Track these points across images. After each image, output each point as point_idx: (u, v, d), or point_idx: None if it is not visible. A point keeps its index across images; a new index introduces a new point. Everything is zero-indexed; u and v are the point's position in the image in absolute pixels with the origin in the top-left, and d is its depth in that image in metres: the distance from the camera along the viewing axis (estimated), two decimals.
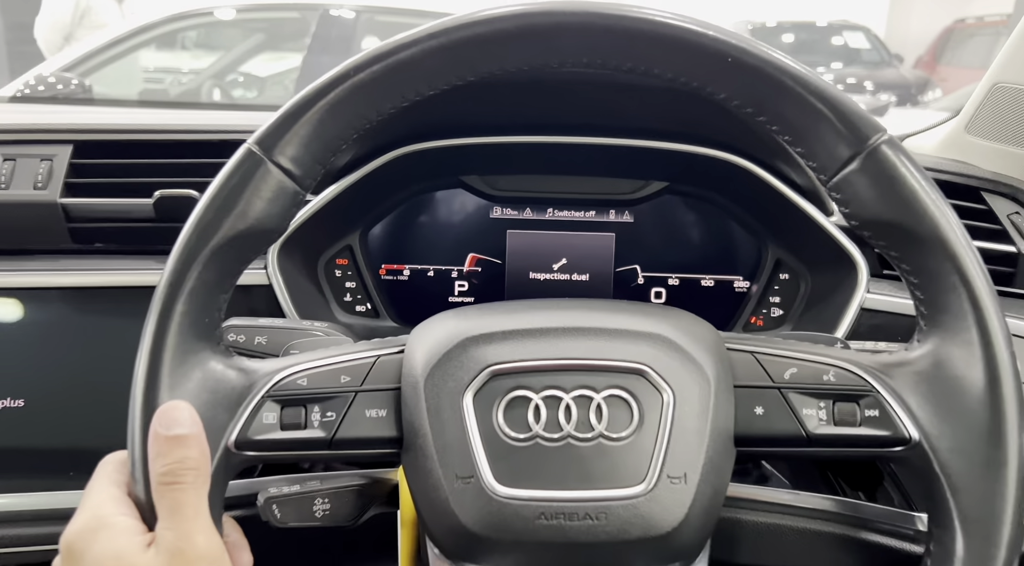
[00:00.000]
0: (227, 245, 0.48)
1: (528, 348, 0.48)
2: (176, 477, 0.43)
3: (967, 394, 0.46)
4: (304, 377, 0.50)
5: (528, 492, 0.46)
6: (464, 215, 0.82)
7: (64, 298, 0.69)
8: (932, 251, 0.47)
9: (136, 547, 0.42)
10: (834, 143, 0.47)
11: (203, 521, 0.43)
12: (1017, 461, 0.45)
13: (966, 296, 0.46)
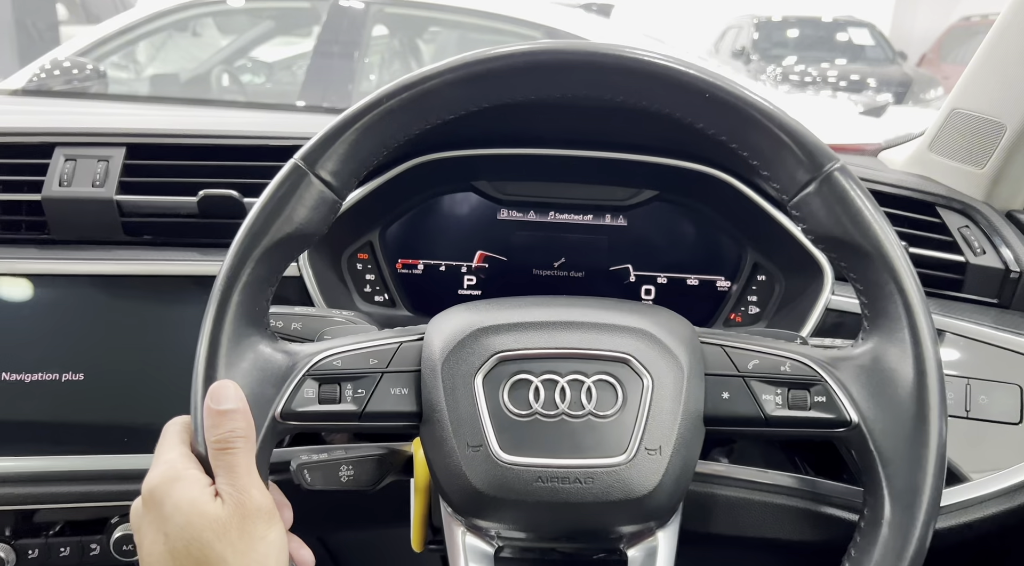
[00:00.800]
0: (275, 246, 0.57)
1: (530, 338, 0.57)
2: (228, 444, 0.52)
3: (899, 385, 0.55)
4: (339, 359, 0.58)
5: (528, 459, 0.55)
6: (474, 216, 0.91)
7: (117, 285, 0.77)
8: (874, 264, 0.55)
9: (207, 496, 0.50)
10: (794, 168, 0.56)
11: (255, 479, 0.52)
12: (937, 441, 0.54)
13: (901, 303, 0.55)
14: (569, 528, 0.57)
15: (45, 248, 0.78)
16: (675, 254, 0.90)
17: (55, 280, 0.76)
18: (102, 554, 0.75)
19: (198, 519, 0.49)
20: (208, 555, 0.48)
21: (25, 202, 0.77)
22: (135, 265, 0.77)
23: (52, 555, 0.74)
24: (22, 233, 0.78)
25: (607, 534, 0.58)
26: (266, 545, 0.50)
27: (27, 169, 0.78)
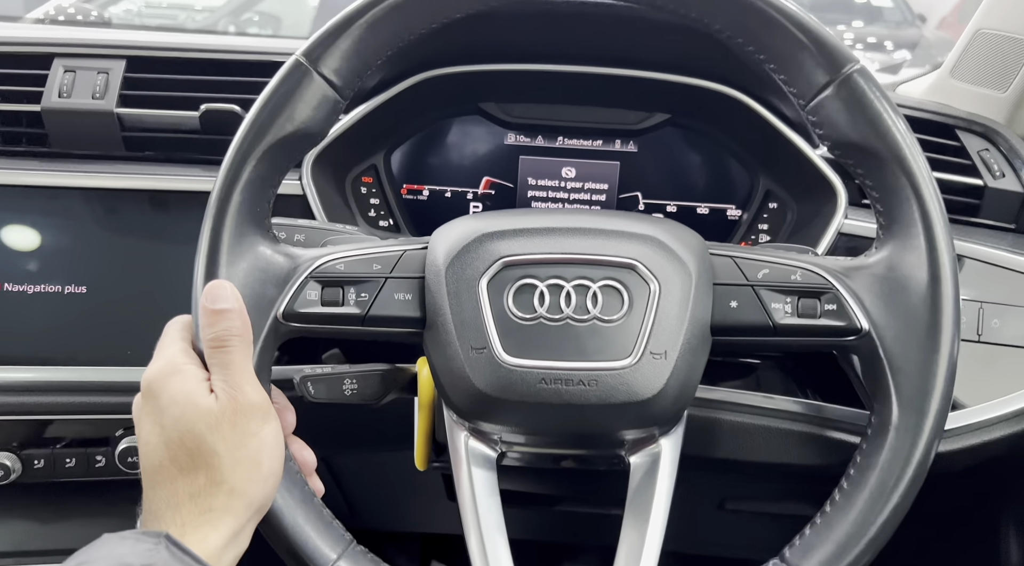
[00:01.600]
0: (277, 145, 0.55)
1: (536, 243, 0.56)
2: (223, 342, 0.52)
3: (912, 291, 0.54)
4: (342, 263, 0.58)
5: (532, 362, 0.54)
6: (480, 141, 0.89)
7: (118, 199, 0.76)
8: (891, 169, 0.54)
9: (203, 390, 0.50)
10: (812, 70, 0.54)
11: (249, 376, 0.52)
12: (949, 348, 0.53)
13: (917, 208, 0.53)
14: (572, 431, 0.57)
15: (46, 161, 0.77)
16: (685, 182, 0.89)
17: (56, 193, 0.75)
18: (108, 466, 0.75)
19: (192, 411, 0.49)
20: (200, 446, 0.48)
21: (25, 113, 0.76)
22: (137, 180, 0.77)
23: (58, 466, 0.74)
24: (23, 146, 0.77)
25: (609, 439, 0.58)
26: (258, 441, 0.50)
27: (26, 80, 0.77)
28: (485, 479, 0.58)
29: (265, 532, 0.54)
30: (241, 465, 0.49)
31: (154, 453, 0.49)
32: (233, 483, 0.49)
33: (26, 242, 0.74)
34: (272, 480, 0.52)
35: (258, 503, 0.51)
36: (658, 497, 0.57)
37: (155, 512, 0.48)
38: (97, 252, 0.75)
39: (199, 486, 0.48)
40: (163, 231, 0.76)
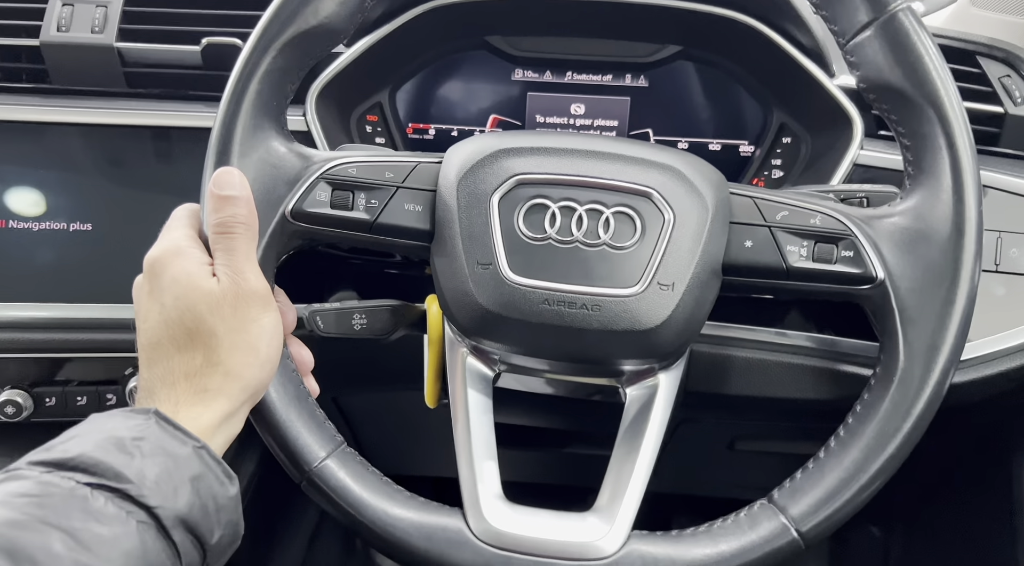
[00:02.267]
0: (300, 36, 0.54)
1: (552, 164, 0.55)
2: (228, 228, 0.51)
3: (934, 243, 0.52)
4: (354, 168, 0.57)
5: (536, 282, 0.53)
6: (487, 77, 0.87)
7: (121, 136, 0.75)
8: (926, 116, 0.52)
9: (205, 272, 0.50)
10: (856, 7, 0.52)
11: (252, 265, 0.52)
12: (965, 303, 0.52)
13: (949, 158, 0.52)
14: (570, 354, 0.56)
15: (49, 97, 0.75)
16: (697, 118, 0.87)
17: (60, 129, 0.74)
18: (118, 404, 0.75)
19: (193, 292, 0.49)
20: (200, 326, 0.48)
21: (24, 48, 0.75)
22: (139, 116, 0.75)
23: (69, 404, 0.74)
24: (24, 82, 0.76)
25: (607, 367, 0.58)
26: (258, 327, 0.50)
27: (23, 13, 0.75)
28: (480, 396, 0.58)
29: (257, 424, 0.54)
30: (238, 348, 0.49)
31: (152, 330, 0.49)
32: (229, 365, 0.48)
33: (30, 179, 0.73)
34: (268, 367, 0.51)
35: (253, 388, 0.50)
36: (650, 431, 0.56)
37: (149, 389, 0.49)
38: (102, 189, 0.74)
39: (196, 365, 0.48)
40: (167, 168, 0.75)
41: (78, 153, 0.74)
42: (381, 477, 0.54)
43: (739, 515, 0.54)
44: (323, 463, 0.53)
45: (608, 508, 0.54)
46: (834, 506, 0.52)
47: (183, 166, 0.76)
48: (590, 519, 0.54)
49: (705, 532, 0.53)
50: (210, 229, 0.52)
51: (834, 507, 0.52)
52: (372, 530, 0.52)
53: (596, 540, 0.52)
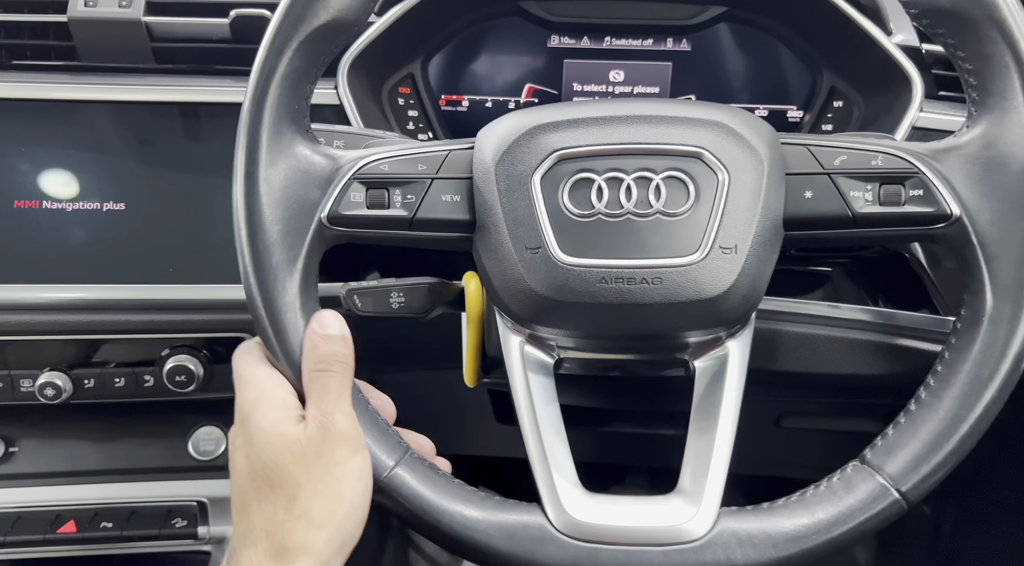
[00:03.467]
0: (313, 35, 0.52)
1: (592, 134, 0.52)
2: (327, 366, 0.49)
3: (1010, 170, 0.49)
4: (385, 163, 0.54)
5: (590, 260, 0.51)
6: (521, 45, 0.84)
7: (151, 112, 0.74)
8: (988, 34, 0.48)
9: (291, 418, 0.48)
10: None
11: (344, 404, 0.49)
12: None
13: (1018, 76, 0.48)
14: (634, 332, 0.53)
15: (78, 74, 0.74)
16: (742, 82, 0.83)
17: (90, 107, 0.72)
18: (156, 385, 0.75)
19: (277, 440, 0.47)
20: (282, 476, 0.46)
21: (52, 25, 0.73)
22: (168, 92, 0.74)
23: (107, 385, 0.74)
24: (52, 59, 0.75)
25: (673, 341, 0.55)
26: (343, 471, 0.47)
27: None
28: (543, 385, 0.56)
29: None
30: (321, 496, 0.46)
31: (239, 484, 0.48)
32: (312, 515, 0.46)
33: (62, 159, 0.72)
34: (355, 516, 0.48)
35: (340, 539, 0.47)
36: (726, 401, 0.54)
37: (234, 549, 0.47)
38: (133, 168, 0.73)
39: (277, 519, 0.46)
40: (197, 144, 0.74)
41: (109, 131, 0.73)
42: (452, 480, 0.53)
43: (831, 480, 0.51)
44: (393, 472, 0.51)
45: (692, 488, 0.51)
46: (935, 460, 0.49)
47: (214, 142, 0.74)
48: (675, 501, 0.51)
49: (798, 501, 0.51)
50: (308, 367, 0.49)
51: (935, 462, 0.49)
52: (452, 536, 0.50)
53: (685, 522, 0.50)
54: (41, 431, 0.83)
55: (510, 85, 0.85)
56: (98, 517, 0.78)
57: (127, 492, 0.82)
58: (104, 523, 0.78)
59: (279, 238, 0.52)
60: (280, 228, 0.52)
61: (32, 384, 0.72)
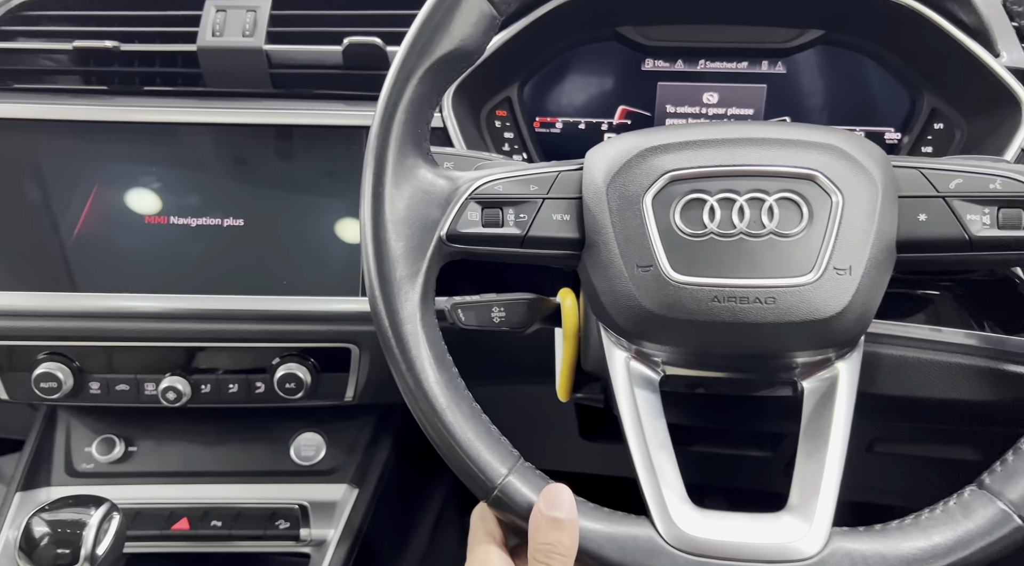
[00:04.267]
0: (437, 64, 0.55)
1: (704, 156, 0.53)
2: (547, 558, 0.50)
3: None
4: (500, 184, 0.57)
5: (702, 279, 0.52)
6: (615, 68, 0.86)
7: (268, 135, 0.78)
8: None
9: None
10: None
11: None
12: None
13: None
14: (744, 351, 0.54)
15: (202, 99, 0.79)
16: (838, 104, 0.83)
17: (213, 129, 0.78)
18: (267, 392, 0.79)
19: None
20: None
21: (181, 53, 0.79)
22: (285, 116, 0.78)
23: (222, 391, 0.78)
24: (179, 85, 0.80)
25: (781, 361, 0.55)
26: None
27: (181, 20, 0.79)
28: (649, 401, 0.57)
29: (437, 445, 0.54)
30: None
31: None
32: None
33: (188, 177, 0.77)
34: None
35: None
36: (837, 421, 0.54)
37: None
38: (251, 186, 0.77)
39: None
40: (310, 165, 0.78)
41: (229, 152, 0.78)
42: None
43: (948, 504, 0.51)
44: (506, 479, 0.52)
45: (803, 506, 0.52)
46: None
47: (325, 163, 0.78)
48: (786, 518, 0.52)
49: (913, 524, 0.50)
50: (531, 550, 0.51)
51: None
52: None
53: (796, 540, 0.50)
54: (157, 433, 0.88)
55: (603, 107, 0.87)
56: (208, 516, 0.82)
57: (233, 493, 0.86)
58: (214, 522, 0.82)
59: (402, 254, 0.55)
60: (404, 245, 0.55)
61: (155, 388, 0.77)
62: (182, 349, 0.77)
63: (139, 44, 0.79)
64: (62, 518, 0.61)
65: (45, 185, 0.76)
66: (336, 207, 0.77)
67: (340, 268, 0.76)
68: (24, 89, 0.81)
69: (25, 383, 0.76)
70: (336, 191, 0.78)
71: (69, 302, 0.74)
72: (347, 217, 0.77)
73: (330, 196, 0.77)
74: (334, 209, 0.77)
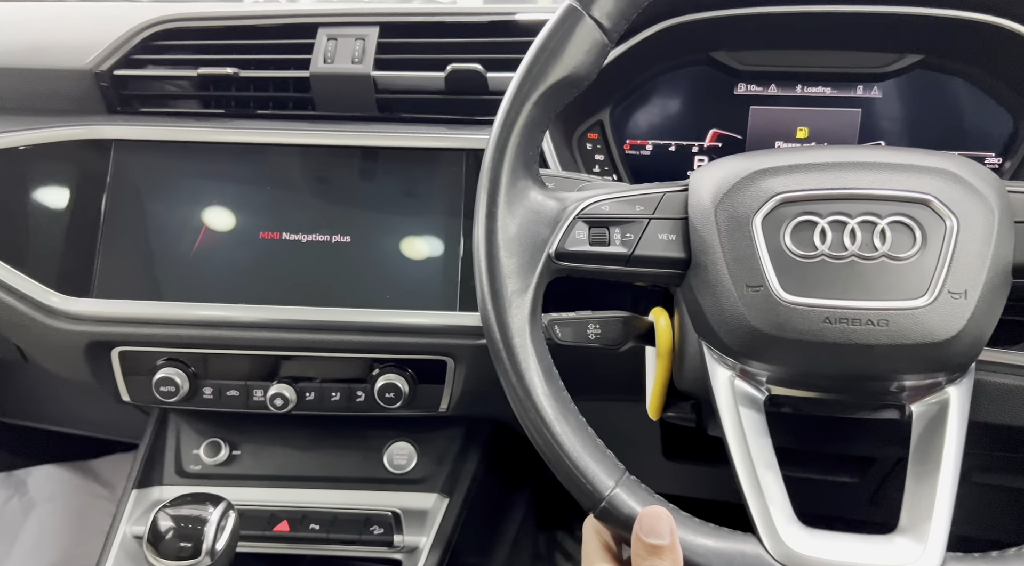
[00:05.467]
0: (550, 89, 0.57)
1: (815, 179, 0.54)
2: None
3: None
4: (606, 204, 0.59)
5: (813, 300, 0.53)
6: (707, 92, 0.87)
7: (374, 157, 0.82)
8: None
9: None
10: None
11: None
12: None
13: None
14: (853, 373, 0.55)
15: (312, 122, 0.84)
16: (936, 129, 0.82)
17: (324, 151, 0.82)
18: (366, 401, 0.82)
19: None
20: None
21: (293, 79, 0.84)
22: (390, 138, 0.82)
23: (325, 398, 0.82)
24: (290, 109, 0.85)
25: (890, 382, 0.56)
26: None
27: (295, 48, 0.84)
28: (754, 420, 0.58)
29: (545, 455, 0.56)
30: None
31: None
32: None
33: (299, 196, 0.82)
34: None
35: None
36: (949, 446, 0.53)
37: None
38: (358, 205, 0.81)
39: None
40: (412, 185, 0.82)
41: (337, 172, 0.82)
42: (668, 504, 0.55)
43: None
44: (614, 492, 0.54)
45: (915, 528, 0.52)
46: None
47: (426, 183, 0.82)
48: (898, 541, 0.52)
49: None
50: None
51: None
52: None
53: (910, 563, 0.50)
54: (258, 438, 0.93)
55: (694, 130, 0.88)
56: (306, 519, 0.86)
57: (329, 498, 0.90)
58: (312, 525, 0.85)
59: (514, 270, 0.57)
60: (515, 262, 0.57)
61: (263, 394, 0.81)
62: (289, 358, 0.81)
63: (256, 71, 0.85)
64: (185, 514, 0.65)
65: (168, 202, 0.81)
66: (436, 225, 0.81)
67: (439, 283, 0.79)
68: (149, 113, 0.87)
69: (145, 386, 0.81)
70: (436, 210, 0.81)
71: (188, 311, 0.79)
72: (446, 235, 0.80)
73: (430, 215, 0.80)
74: (434, 227, 0.80)
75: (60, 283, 0.79)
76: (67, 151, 0.82)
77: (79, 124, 0.83)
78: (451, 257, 0.80)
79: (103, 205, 0.80)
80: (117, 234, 0.80)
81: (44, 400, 1.37)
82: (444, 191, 0.81)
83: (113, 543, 0.85)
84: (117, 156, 0.81)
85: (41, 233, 0.80)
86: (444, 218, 0.81)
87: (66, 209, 0.80)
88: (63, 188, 0.81)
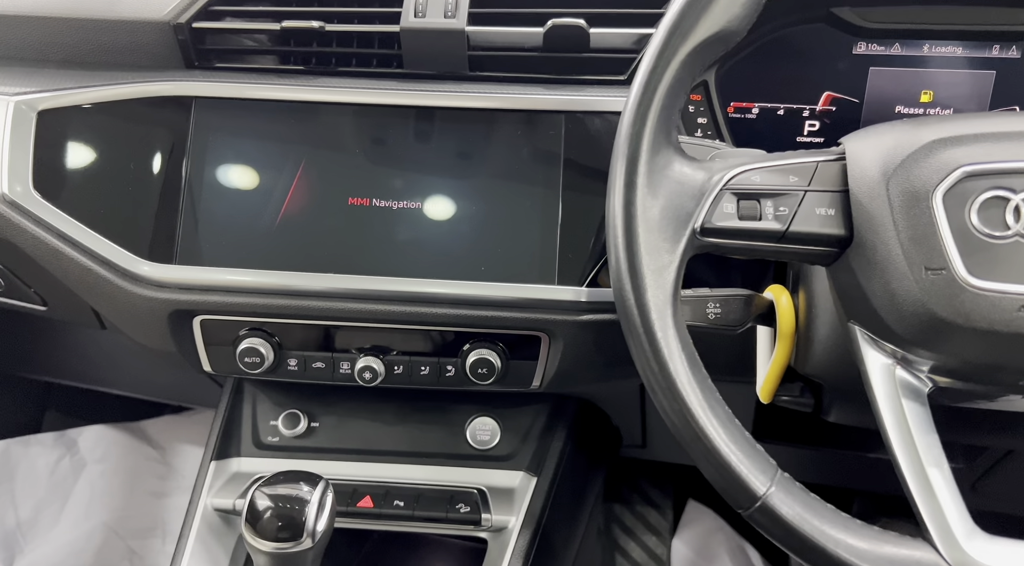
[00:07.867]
0: (700, 46, 0.52)
1: (1004, 150, 0.49)
2: None
3: None
4: (757, 174, 0.54)
5: (1008, 286, 0.48)
6: (823, 51, 0.81)
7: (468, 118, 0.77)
8: None
9: None
10: None
11: None
12: None
13: None
14: None
15: (400, 81, 0.79)
16: None
17: (413, 111, 0.77)
18: (457, 375, 0.79)
19: None
20: None
21: (378, 34, 0.78)
22: (484, 99, 0.77)
23: (414, 373, 0.79)
24: (373, 66, 0.80)
25: None
26: None
27: (384, 1, 0.79)
28: (919, 413, 0.53)
29: (689, 447, 0.52)
30: None
31: None
32: None
33: (390, 160, 0.77)
34: None
35: None
36: None
37: None
38: (450, 170, 0.77)
39: None
40: (509, 151, 0.77)
41: (429, 135, 0.77)
42: (826, 504, 0.52)
43: None
44: (770, 491, 0.50)
45: None
46: None
47: (524, 147, 0.77)
48: None
49: None
50: None
51: None
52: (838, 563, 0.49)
53: None
54: (337, 410, 0.90)
55: (805, 93, 0.82)
56: (390, 495, 0.83)
57: (411, 474, 0.87)
58: (396, 501, 0.83)
59: (655, 246, 0.53)
60: (656, 236, 0.53)
61: (350, 367, 0.78)
62: (378, 330, 0.78)
63: (342, 24, 0.79)
64: (282, 493, 0.63)
65: (253, 164, 0.77)
66: (532, 193, 0.76)
67: (536, 255, 0.75)
68: (225, 68, 0.82)
69: (228, 357, 0.78)
70: (533, 176, 0.76)
71: (273, 280, 0.75)
72: (543, 203, 0.75)
73: (526, 181, 0.76)
74: (530, 195, 0.76)
75: (143, 249, 0.75)
76: (146, 109, 0.77)
77: (158, 80, 0.78)
78: (549, 226, 0.75)
79: (184, 167, 0.76)
80: (200, 198, 0.76)
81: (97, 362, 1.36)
82: (541, 156, 0.76)
83: (195, 515, 0.83)
84: (198, 115, 0.77)
85: (122, 196, 0.76)
86: (542, 186, 0.76)
87: (147, 171, 0.76)
88: (143, 148, 0.77)
